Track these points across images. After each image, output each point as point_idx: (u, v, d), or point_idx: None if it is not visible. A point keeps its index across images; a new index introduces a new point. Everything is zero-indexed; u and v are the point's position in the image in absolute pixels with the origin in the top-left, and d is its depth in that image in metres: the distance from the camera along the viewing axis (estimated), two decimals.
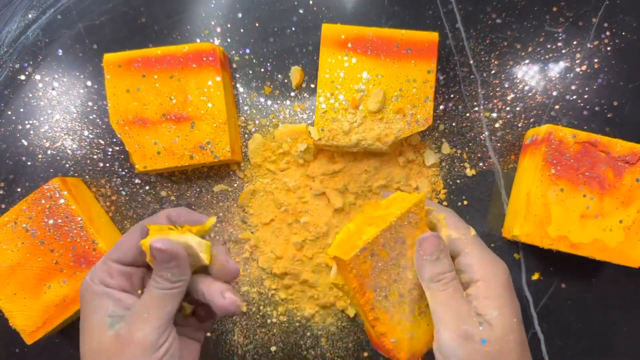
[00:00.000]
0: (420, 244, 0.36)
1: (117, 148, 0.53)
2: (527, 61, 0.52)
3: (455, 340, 0.34)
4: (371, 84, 0.48)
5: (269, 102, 0.53)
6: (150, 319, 0.35)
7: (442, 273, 0.36)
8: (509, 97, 0.52)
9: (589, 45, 0.52)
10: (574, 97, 0.52)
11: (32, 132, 0.53)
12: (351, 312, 0.53)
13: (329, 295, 0.53)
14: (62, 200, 0.47)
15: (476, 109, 0.53)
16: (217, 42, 0.53)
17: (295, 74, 0.52)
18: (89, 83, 0.53)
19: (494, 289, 0.35)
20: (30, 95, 0.53)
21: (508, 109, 0.53)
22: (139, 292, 0.37)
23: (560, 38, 0.52)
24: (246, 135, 0.53)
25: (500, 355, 0.34)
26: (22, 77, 0.53)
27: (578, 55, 0.52)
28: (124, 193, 0.53)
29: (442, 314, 0.35)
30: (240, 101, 0.53)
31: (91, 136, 0.53)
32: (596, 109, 0.52)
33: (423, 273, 0.36)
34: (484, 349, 0.34)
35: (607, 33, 0.52)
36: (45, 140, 0.53)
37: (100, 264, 0.37)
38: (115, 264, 0.37)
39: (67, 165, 0.53)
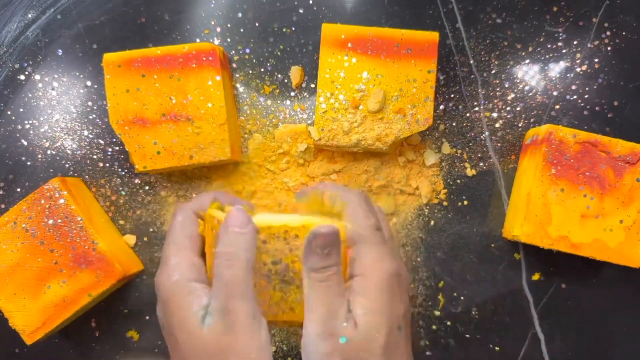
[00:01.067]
0: (315, 236, 0.33)
1: (117, 148, 0.53)
2: (527, 61, 0.52)
3: (318, 335, 0.33)
4: (371, 84, 0.48)
5: (269, 102, 0.53)
6: (245, 297, 0.33)
7: (325, 267, 0.34)
8: (509, 97, 0.52)
9: (589, 45, 0.52)
10: (574, 97, 0.52)
11: (32, 132, 0.53)
12: None
13: None
14: (62, 200, 0.47)
15: (476, 109, 0.53)
16: (217, 42, 0.53)
17: (295, 74, 0.52)
18: (88, 83, 0.53)
19: (370, 288, 0.34)
20: (30, 95, 0.53)
21: (508, 109, 0.52)
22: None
23: (560, 38, 0.52)
24: (246, 135, 0.53)
25: (358, 356, 0.33)
26: (22, 77, 0.53)
27: (578, 55, 0.52)
28: (124, 193, 0.53)
29: (312, 305, 0.34)
30: (240, 101, 0.53)
31: (91, 136, 0.53)
32: (596, 109, 0.52)
33: (306, 261, 0.34)
34: (343, 347, 0.33)
35: (608, 33, 0.52)
36: (45, 140, 0.53)
37: (181, 259, 0.36)
38: (196, 257, 0.36)
39: (67, 165, 0.53)
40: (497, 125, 0.53)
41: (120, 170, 0.53)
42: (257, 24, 0.53)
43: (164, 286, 0.35)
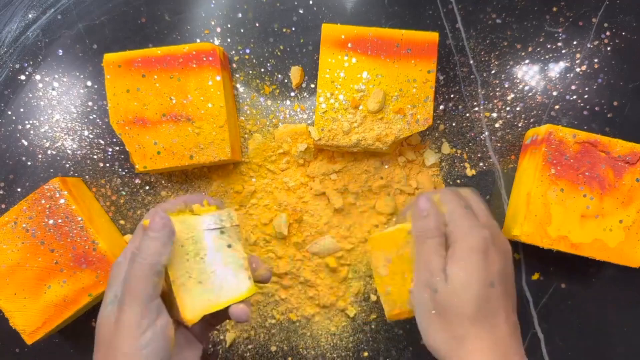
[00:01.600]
0: (417, 201, 0.41)
1: (117, 148, 0.53)
2: (527, 61, 0.52)
3: (419, 287, 0.40)
4: (371, 84, 0.48)
5: (269, 102, 0.53)
6: (137, 296, 0.36)
7: (426, 229, 0.40)
8: (509, 97, 0.52)
9: (589, 45, 0.52)
10: (574, 97, 0.52)
11: (32, 132, 0.53)
12: (351, 312, 0.53)
13: (329, 295, 0.53)
14: (62, 200, 0.47)
15: (476, 109, 0.53)
16: (217, 42, 0.53)
17: (295, 74, 0.52)
18: (89, 83, 0.53)
19: (461, 251, 0.39)
20: (31, 95, 0.53)
21: (508, 109, 0.53)
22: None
23: (560, 38, 0.52)
24: (246, 135, 0.53)
25: (450, 307, 0.38)
26: (22, 77, 0.53)
27: (578, 55, 0.52)
28: (124, 193, 0.53)
29: (417, 263, 0.41)
30: (240, 101, 0.53)
31: (91, 136, 0.53)
32: (596, 109, 0.52)
33: (413, 225, 0.41)
34: (436, 297, 0.38)
35: (607, 33, 0.52)
36: (45, 140, 0.53)
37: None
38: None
39: (67, 165, 0.53)
40: (496, 125, 0.53)
41: (120, 170, 0.53)
42: (257, 24, 0.53)
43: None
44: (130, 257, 0.37)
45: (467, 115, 0.53)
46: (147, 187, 0.53)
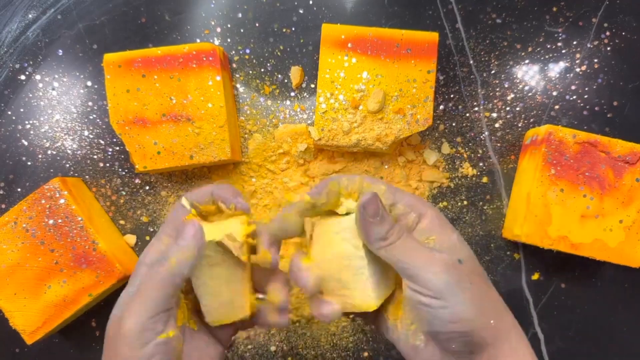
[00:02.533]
0: (365, 207, 0.34)
1: (117, 148, 0.53)
2: (527, 61, 0.52)
3: (444, 272, 0.33)
4: (371, 84, 0.48)
5: (269, 102, 0.53)
6: (146, 306, 0.33)
7: (389, 229, 0.35)
8: (509, 97, 0.52)
9: (589, 45, 0.52)
10: (574, 97, 0.52)
11: (32, 132, 0.53)
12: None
13: None
14: (62, 200, 0.47)
15: (476, 109, 0.53)
16: (217, 42, 0.53)
17: (295, 74, 0.52)
18: (89, 83, 0.53)
19: (436, 225, 0.36)
20: (31, 95, 0.53)
21: (508, 109, 0.53)
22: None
23: (560, 38, 0.52)
24: (246, 135, 0.53)
25: (474, 272, 0.35)
26: (22, 77, 0.53)
27: (578, 55, 0.52)
28: (124, 193, 0.53)
29: (410, 261, 0.34)
30: (240, 101, 0.53)
31: (91, 136, 0.53)
32: (596, 109, 0.52)
33: (369, 237, 0.35)
34: (463, 268, 0.34)
35: (607, 33, 0.52)
36: (45, 140, 0.53)
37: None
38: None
39: (67, 165, 0.53)
40: (496, 125, 0.53)
41: (120, 170, 0.53)
42: (257, 24, 0.53)
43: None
44: (153, 260, 0.35)
45: (467, 115, 0.53)
46: (147, 187, 0.53)
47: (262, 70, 0.53)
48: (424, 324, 0.35)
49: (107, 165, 0.53)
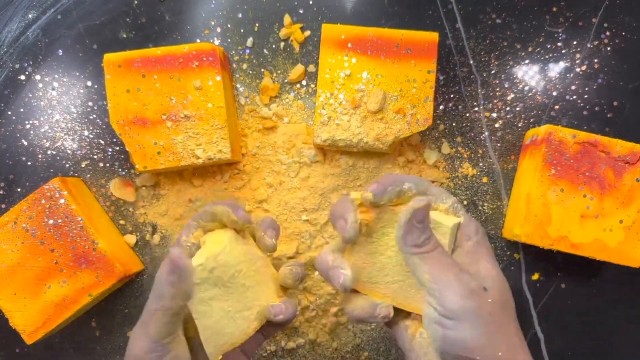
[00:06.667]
0: (416, 212, 0.35)
1: (117, 148, 0.53)
2: (527, 61, 0.52)
3: (462, 295, 0.34)
4: (371, 84, 0.48)
5: (269, 102, 0.53)
6: (147, 333, 0.35)
7: (428, 237, 0.36)
8: (509, 97, 0.52)
9: (589, 45, 0.52)
10: (574, 97, 0.52)
11: (32, 132, 0.53)
12: None
13: (329, 297, 0.53)
14: (62, 200, 0.47)
15: (476, 109, 0.53)
16: (217, 42, 0.53)
17: (295, 74, 0.52)
18: (89, 83, 0.53)
19: (479, 246, 0.37)
20: (31, 95, 0.53)
21: (508, 109, 0.53)
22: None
23: (560, 38, 0.52)
24: (246, 136, 0.53)
25: (502, 301, 0.35)
26: (22, 77, 0.53)
27: (578, 55, 0.52)
28: None
29: (436, 275, 0.35)
30: (240, 101, 0.53)
31: (91, 136, 0.53)
32: (596, 109, 0.52)
33: (407, 241, 0.36)
34: (487, 295, 0.35)
35: (607, 33, 0.52)
36: (45, 140, 0.53)
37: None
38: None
39: (67, 165, 0.53)
40: (496, 125, 0.53)
41: (120, 170, 0.53)
42: (257, 24, 0.53)
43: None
44: (153, 288, 0.36)
45: (467, 115, 0.53)
46: (147, 187, 0.53)
47: (262, 70, 0.53)
48: (436, 342, 0.35)
49: (107, 165, 0.53)
